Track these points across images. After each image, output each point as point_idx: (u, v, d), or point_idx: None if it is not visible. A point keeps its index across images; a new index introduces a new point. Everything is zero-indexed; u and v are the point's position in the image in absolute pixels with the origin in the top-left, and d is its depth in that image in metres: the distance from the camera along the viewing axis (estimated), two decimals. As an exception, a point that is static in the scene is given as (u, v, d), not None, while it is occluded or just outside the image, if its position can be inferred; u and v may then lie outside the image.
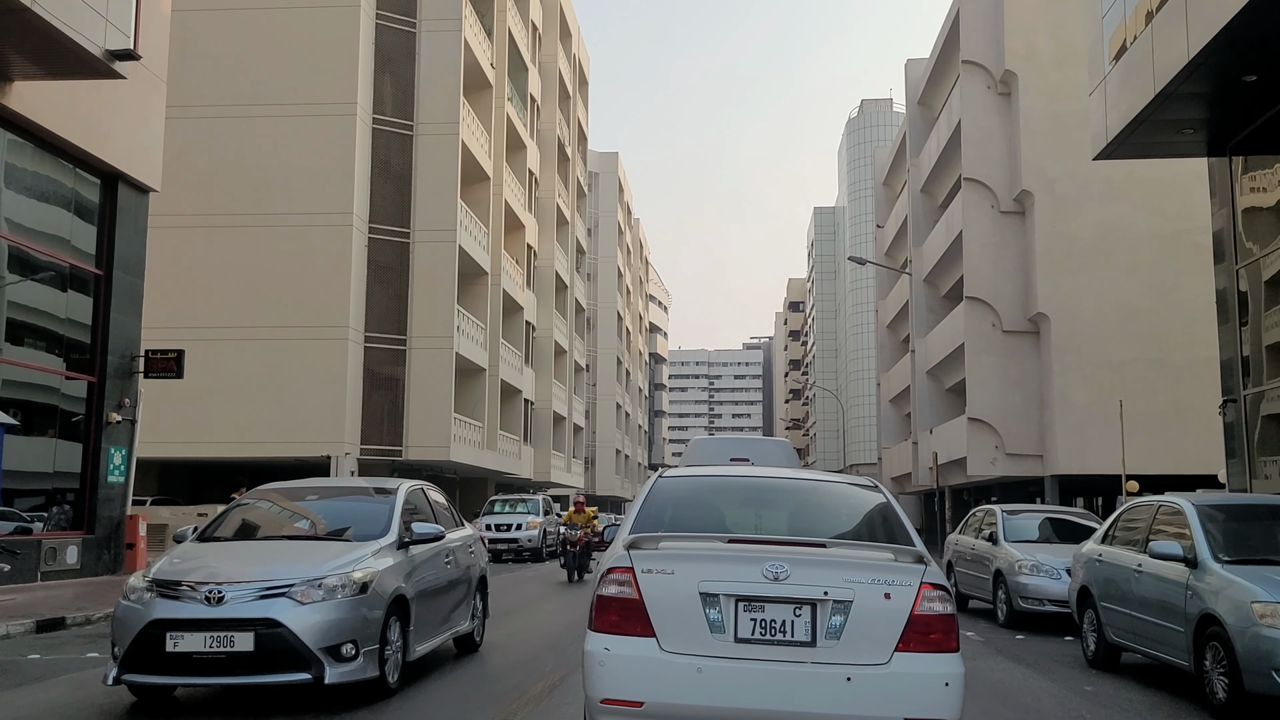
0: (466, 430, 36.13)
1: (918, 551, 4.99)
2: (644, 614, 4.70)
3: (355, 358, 32.93)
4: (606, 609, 4.78)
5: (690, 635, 4.65)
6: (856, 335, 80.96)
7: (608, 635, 4.74)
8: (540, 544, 30.20)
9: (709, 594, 4.66)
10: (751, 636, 4.63)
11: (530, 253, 47.64)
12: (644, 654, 4.65)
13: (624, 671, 4.66)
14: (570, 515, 22.00)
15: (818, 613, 4.63)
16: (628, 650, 4.68)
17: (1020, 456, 29.75)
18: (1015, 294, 29.99)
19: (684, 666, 4.59)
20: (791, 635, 4.62)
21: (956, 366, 34.78)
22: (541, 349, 51.30)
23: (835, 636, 4.60)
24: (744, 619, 4.64)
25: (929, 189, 39.29)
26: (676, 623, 4.67)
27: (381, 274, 34.20)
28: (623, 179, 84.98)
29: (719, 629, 4.65)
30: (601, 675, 4.70)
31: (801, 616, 4.63)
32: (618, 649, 4.69)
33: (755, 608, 4.65)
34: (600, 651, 4.72)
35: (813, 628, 4.62)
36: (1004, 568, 13.31)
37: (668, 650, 4.64)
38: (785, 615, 4.64)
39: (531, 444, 48.55)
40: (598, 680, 4.71)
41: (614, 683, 4.67)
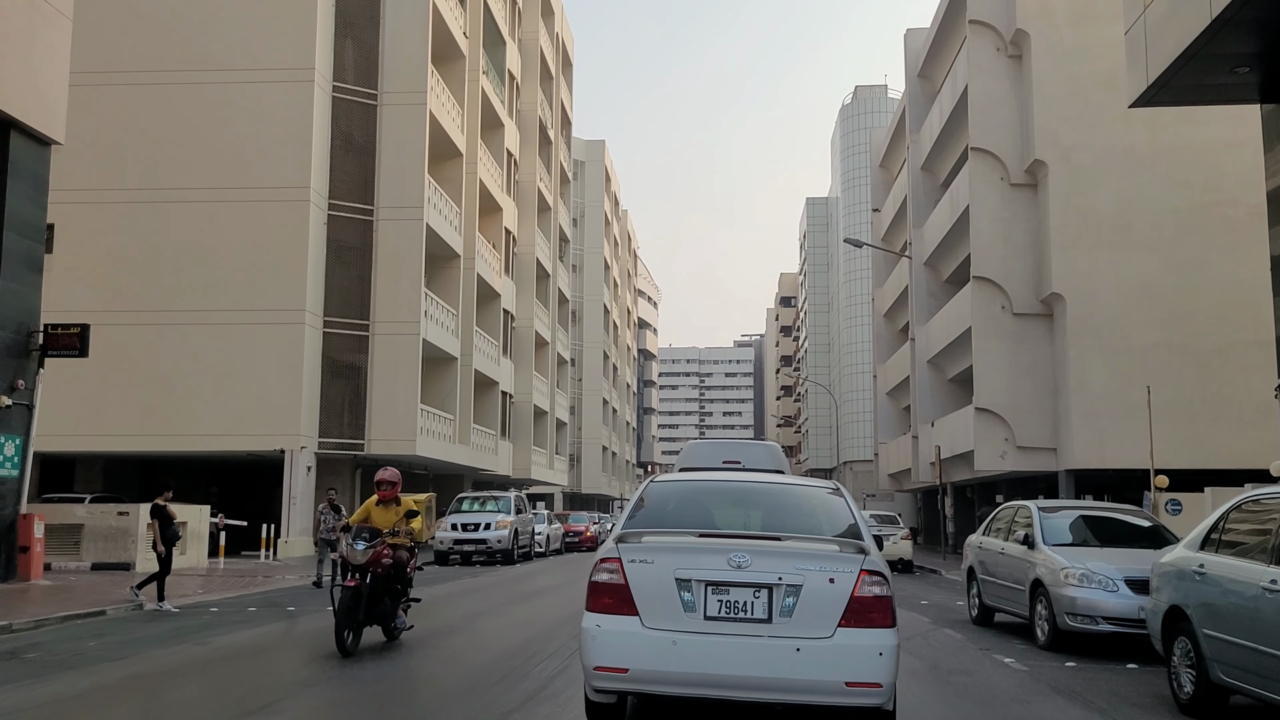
0: (435, 423, 33.66)
1: (860, 544, 5.78)
2: (629, 597, 5.59)
3: (313, 344, 30.46)
4: (599, 593, 5.70)
5: (667, 614, 5.52)
6: (850, 329, 78.61)
7: (600, 615, 5.66)
8: (512, 545, 27.77)
9: (683, 579, 5.55)
10: (718, 615, 5.50)
11: (509, 238, 45.19)
12: (629, 629, 5.55)
13: (612, 644, 5.56)
14: (365, 511, 10.82)
15: (773, 595, 5.47)
16: (616, 627, 5.58)
17: (1032, 450, 27.40)
18: (1027, 273, 27.63)
19: (662, 639, 5.47)
20: (751, 614, 5.48)
21: (961, 354, 32.42)
22: (521, 340, 48.83)
23: (788, 615, 5.44)
24: (712, 600, 5.51)
25: (930, 166, 36.93)
26: (656, 603, 5.54)
27: (342, 254, 31.73)
28: (609, 168, 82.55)
29: (691, 609, 5.52)
30: (594, 647, 5.62)
31: (760, 598, 5.48)
32: (607, 625, 5.60)
33: (721, 591, 5.51)
34: (594, 628, 5.65)
35: (769, 607, 5.47)
36: (1045, 577, 10.93)
37: (649, 626, 5.53)
38: (746, 597, 5.49)
39: (510, 439, 46.10)
40: (591, 651, 5.64)
41: (604, 653, 5.58)
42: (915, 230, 36.99)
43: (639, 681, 5.56)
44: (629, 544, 5.79)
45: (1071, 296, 26.39)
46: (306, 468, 30.07)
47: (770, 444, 11.48)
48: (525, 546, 30.18)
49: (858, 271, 77.34)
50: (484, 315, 41.66)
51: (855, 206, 76.61)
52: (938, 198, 35.88)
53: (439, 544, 27.41)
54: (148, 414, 29.45)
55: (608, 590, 5.69)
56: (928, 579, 24.28)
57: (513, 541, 27.85)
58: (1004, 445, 27.44)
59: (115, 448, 29.95)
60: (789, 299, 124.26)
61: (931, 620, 13.89)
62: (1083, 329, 26.29)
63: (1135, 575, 10.23)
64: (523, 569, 25.73)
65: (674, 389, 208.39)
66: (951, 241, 33.22)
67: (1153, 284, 26.16)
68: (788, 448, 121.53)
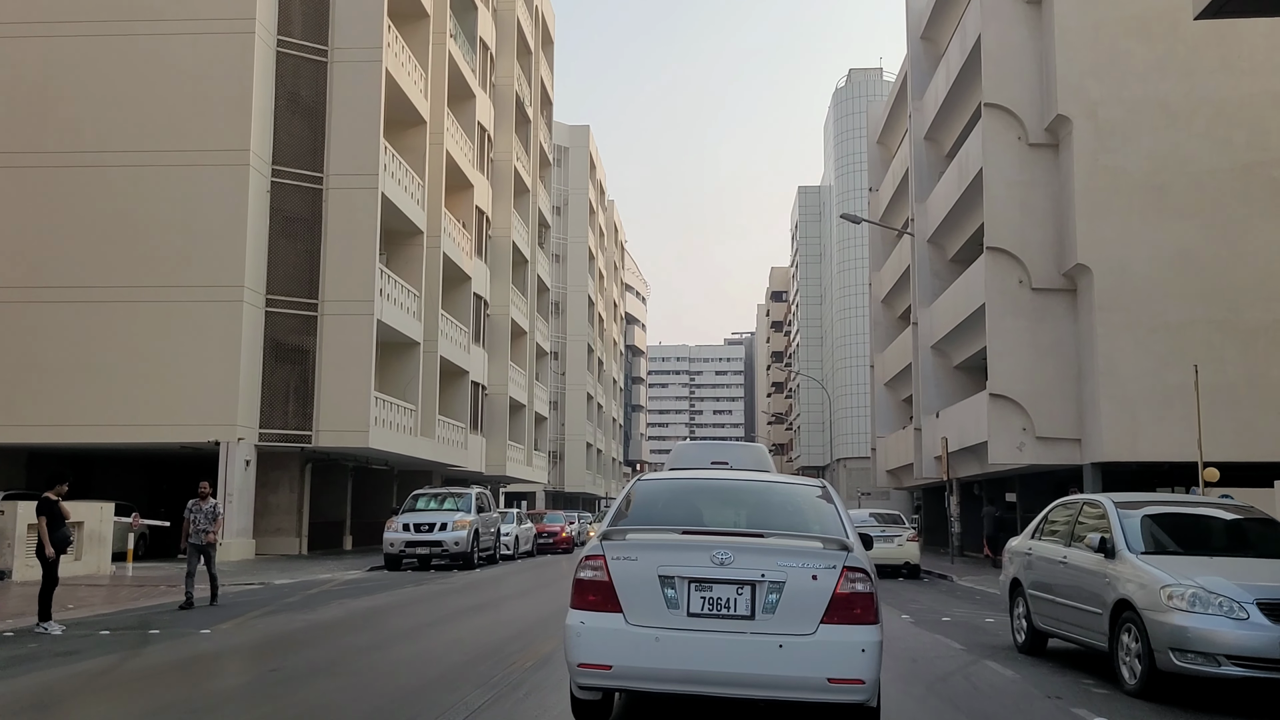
0: (393, 413, 30.63)
1: (843, 540, 5.85)
2: (613, 594, 5.71)
3: (253, 324, 27.42)
4: (583, 590, 5.81)
5: (651, 610, 5.65)
6: (844, 320, 75.71)
7: (584, 611, 5.76)
8: (471, 547, 24.77)
9: (666, 576, 5.67)
10: (701, 611, 5.62)
11: (481, 218, 42.16)
12: (613, 626, 5.66)
13: (596, 641, 5.67)
14: None
15: (756, 592, 5.60)
16: (600, 624, 5.70)
17: (1053, 441, 24.48)
18: (1047, 243, 24.70)
19: (645, 636, 5.59)
20: (734, 610, 5.61)
21: (970, 337, 29.51)
22: (497, 328, 45.81)
23: (770, 611, 5.56)
24: (695, 597, 5.64)
25: (934, 135, 34.00)
26: (640, 600, 5.68)
27: (288, 225, 28.69)
28: (594, 155, 79.57)
29: (674, 605, 5.64)
30: (578, 644, 5.72)
31: (743, 595, 5.61)
32: (591, 623, 5.71)
33: (704, 588, 5.65)
34: (578, 625, 5.74)
35: (752, 604, 5.59)
36: (1137, 598, 7.98)
37: (632, 623, 5.65)
38: (729, 594, 5.62)
39: (483, 433, 43.09)
40: (575, 648, 5.73)
41: (588, 650, 5.68)
42: (918, 205, 34.06)
43: (623, 678, 5.64)
44: (613, 541, 5.89)
45: (1098, 268, 23.47)
46: (245, 461, 27.03)
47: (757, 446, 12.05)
48: (489, 549, 27.19)
49: (852, 261, 74.45)
50: (452, 299, 38.65)
51: (850, 193, 73.75)
52: (942, 169, 32.97)
53: (389, 546, 24.41)
54: (70, 402, 26.41)
55: (592, 587, 5.77)
56: (939, 587, 21.36)
57: (472, 543, 24.85)
58: (1021, 436, 24.52)
59: (37, 439, 26.86)
60: (780, 293, 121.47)
61: (965, 647, 10.93)
62: (1111, 304, 23.38)
63: (1271, 595, 7.33)
64: (481, 575, 22.74)
65: (664, 387, 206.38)
66: (959, 215, 30.31)
67: (1190, 253, 23.26)
68: (779, 445, 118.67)
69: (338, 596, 16.48)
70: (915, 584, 21.97)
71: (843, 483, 74.10)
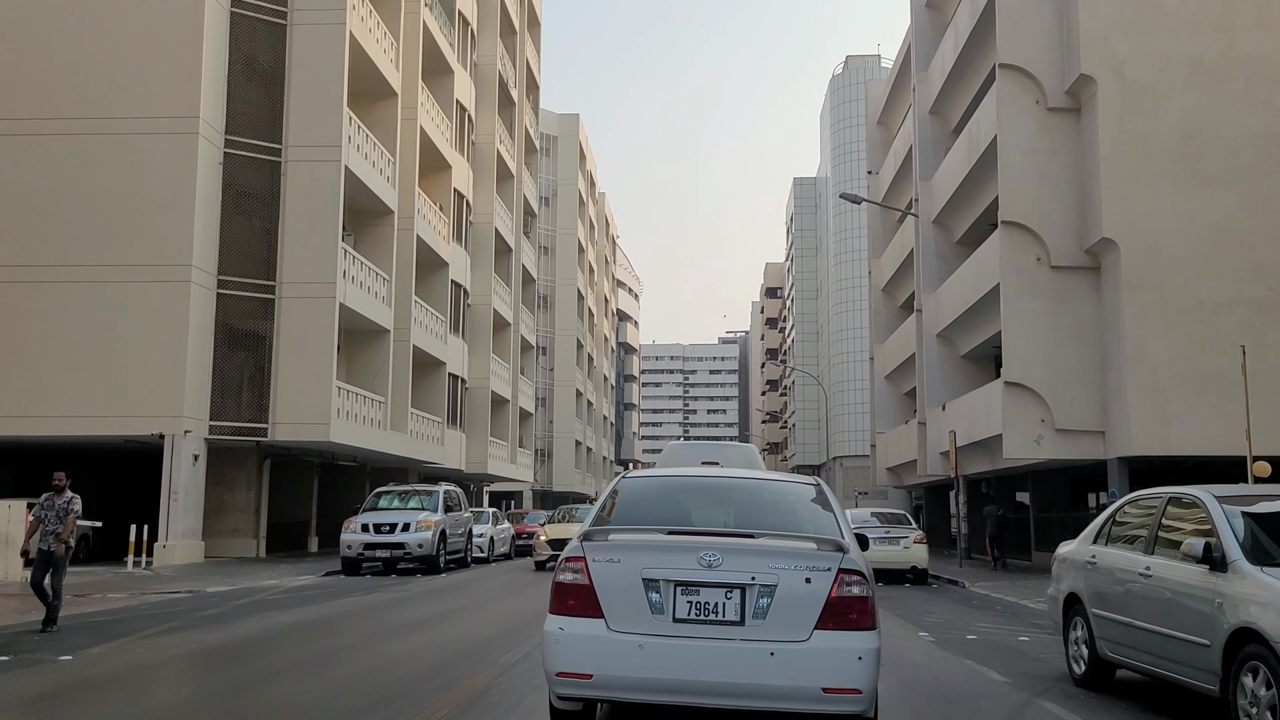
0: (359, 405, 28.42)
1: (838, 541, 5.43)
2: (594, 598, 5.33)
3: (203, 307, 25.22)
4: (563, 594, 5.41)
5: (634, 616, 5.27)
6: (841, 314, 73.55)
7: (563, 617, 5.37)
8: (436, 550, 22.58)
9: (650, 579, 5.29)
10: (688, 617, 5.24)
11: (461, 202, 39.96)
12: (594, 633, 5.27)
13: (576, 648, 5.28)
14: None
15: (746, 595, 5.24)
16: (580, 630, 5.29)
17: (1074, 433, 22.34)
18: (1068, 217, 22.56)
19: (628, 643, 5.22)
20: (723, 615, 5.23)
21: (979, 323, 27.39)
22: (478, 319, 43.60)
23: (761, 616, 5.21)
24: (681, 601, 5.26)
25: (941, 109, 31.84)
26: (622, 605, 5.29)
27: (243, 201, 26.49)
28: (584, 144, 77.36)
29: (659, 610, 5.26)
30: (557, 652, 5.32)
31: (732, 599, 5.24)
32: (571, 629, 5.31)
33: (691, 591, 5.27)
34: (556, 631, 5.34)
35: (741, 609, 5.23)
36: (1271, 626, 5.79)
37: (614, 629, 5.26)
38: (717, 598, 5.25)
39: (463, 429, 40.86)
40: (553, 656, 5.34)
41: (567, 658, 5.29)
42: (922, 184, 31.91)
43: (604, 688, 5.31)
44: (594, 542, 5.53)
45: (1126, 243, 21.32)
46: (193, 456, 24.81)
47: (748, 446, 12.08)
48: (458, 551, 25.00)
49: (849, 253, 72.29)
50: (428, 286, 36.46)
51: (847, 183, 71.59)
52: (949, 144, 30.82)
53: (345, 549, 22.22)
54: (3, 392, 24.18)
55: (571, 591, 5.43)
56: (951, 595, 19.21)
57: (438, 545, 22.65)
58: (1039, 428, 22.38)
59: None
60: (775, 289, 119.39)
61: (1007, 679, 8.76)
62: (1140, 282, 21.24)
63: None
64: (446, 580, 20.55)
65: (657, 386, 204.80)
66: (968, 192, 28.17)
67: (1227, 226, 21.14)
68: (773, 444, 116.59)
69: (267, 608, 14.30)
70: (924, 591, 19.82)
71: (839, 482, 71.95)
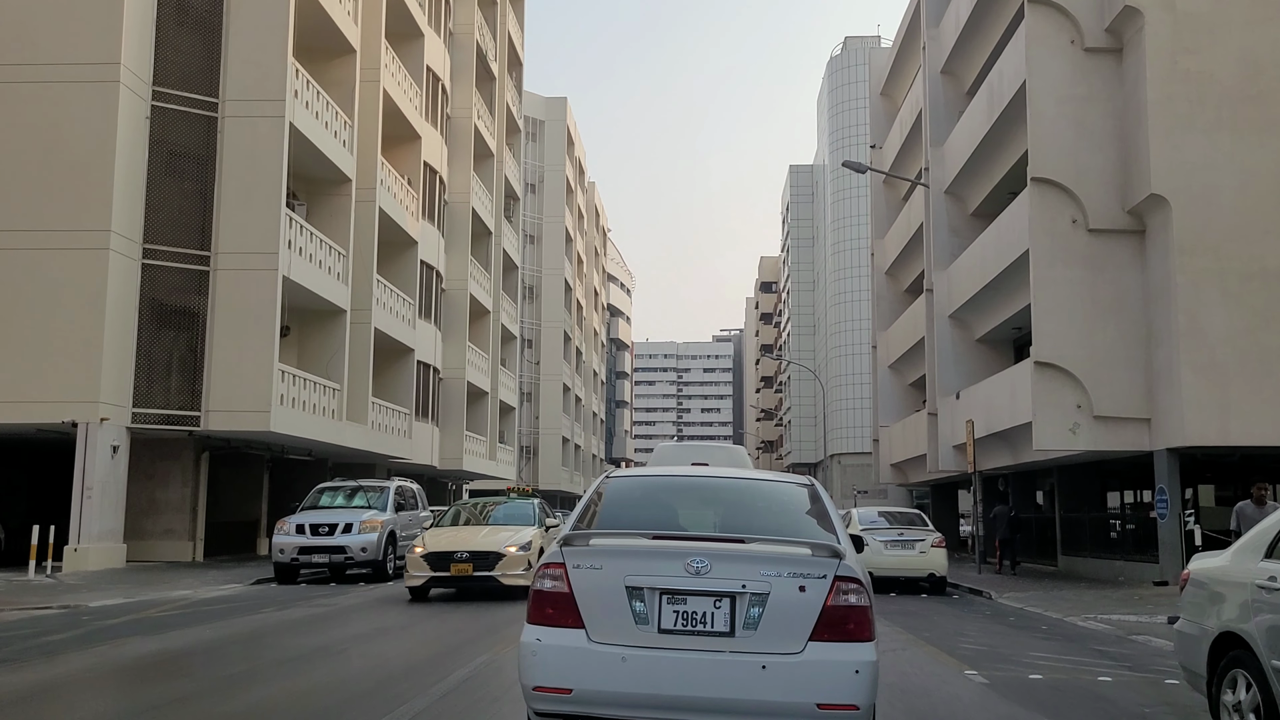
0: (308, 392, 25.50)
1: (834, 546, 5.00)
2: (574, 607, 4.89)
3: (126, 279, 22.29)
4: (541, 602, 4.97)
5: (617, 626, 4.84)
6: (839, 305, 70.66)
7: (541, 627, 4.93)
8: (383, 554, 19.66)
9: (634, 587, 4.86)
10: (674, 627, 4.82)
11: (434, 178, 37.01)
12: (573, 644, 4.84)
13: (554, 661, 4.84)
14: None
15: (736, 605, 4.82)
16: (558, 640, 4.87)
17: (1115, 421, 19.48)
18: (1108, 172, 19.71)
19: (610, 656, 4.79)
20: (711, 626, 4.81)
21: (998, 301, 24.55)
22: (453, 305, 40.68)
23: (753, 627, 4.79)
24: (667, 611, 4.83)
25: (954, 68, 28.98)
26: (604, 615, 4.87)
27: (174, 161, 23.57)
28: (572, 130, 74.47)
29: (644, 620, 4.84)
30: (533, 665, 4.88)
31: (721, 608, 4.82)
32: (549, 639, 4.88)
33: (678, 600, 4.84)
34: (533, 642, 4.90)
35: (731, 619, 4.81)
36: None
37: (595, 641, 4.84)
38: (706, 607, 4.82)
39: (435, 422, 37.94)
40: (530, 669, 4.89)
41: (545, 671, 4.85)
42: (933, 151, 29.02)
43: (584, 704, 4.84)
44: (574, 547, 5.03)
45: (1178, 199, 18.46)
46: (112, 447, 21.86)
47: (738, 448, 12.38)
48: (411, 556, 22.04)
49: (848, 242, 69.41)
50: (394, 265, 33.56)
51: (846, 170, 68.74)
52: (963, 106, 27.95)
53: (278, 553, 19.26)
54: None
55: (550, 599, 4.97)
56: (979, 608, 16.36)
57: (384, 549, 19.72)
58: (1074, 415, 19.51)
59: None
60: (769, 284, 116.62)
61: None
62: (1194, 246, 18.38)
63: None
64: (389, 590, 17.63)
65: (650, 385, 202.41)
66: (986, 155, 25.33)
67: (1296, 181, 18.28)
68: (768, 442, 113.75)
69: (136, 631, 11.41)
70: (946, 604, 16.94)
71: (836, 480, 69.10)
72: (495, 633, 11.39)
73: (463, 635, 11.32)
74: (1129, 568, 20.77)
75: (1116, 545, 21.60)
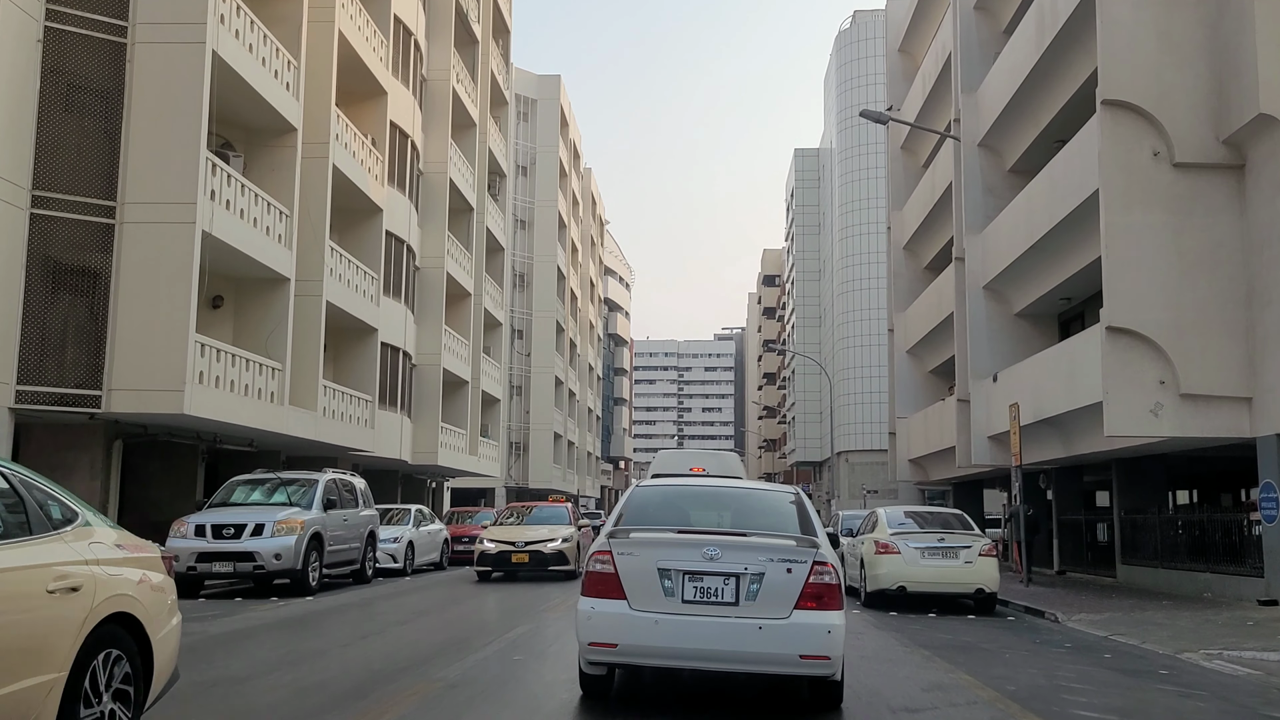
0: (236, 370, 21.82)
1: (813, 540, 6.84)
2: (619, 584, 6.69)
3: (10, 231, 18.61)
4: (593, 580, 6.79)
5: (651, 598, 6.65)
6: (846, 295, 66.94)
7: (593, 599, 6.74)
8: (303, 562, 15.97)
9: (664, 569, 6.66)
10: (694, 599, 6.63)
11: (404, 141, 33.35)
12: (618, 611, 6.65)
13: (604, 624, 6.66)
14: None
15: (740, 582, 6.61)
16: (607, 609, 6.68)
17: (1208, 400, 15.80)
18: (1200, 92, 16.05)
19: (646, 619, 6.59)
20: (721, 598, 6.60)
21: (1046, 267, 20.89)
22: (428, 285, 37.02)
23: (752, 599, 6.59)
24: (688, 587, 6.64)
25: (989, 3, 25.28)
26: (641, 589, 6.67)
27: (73, 94, 19.91)
28: (566, 109, 70.81)
29: (671, 594, 6.64)
30: (589, 626, 6.72)
31: (729, 585, 6.61)
32: (600, 608, 6.70)
33: (696, 579, 6.64)
34: (589, 610, 6.73)
35: (736, 592, 6.60)
36: None
37: (635, 609, 6.64)
38: (717, 584, 6.62)
39: (406, 412, 34.27)
40: (586, 630, 6.74)
41: (597, 631, 6.68)
42: (965, 99, 25.30)
43: (627, 655, 6.65)
44: (618, 539, 6.84)
45: (1292, 123, 14.73)
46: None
47: (730, 454, 14.59)
48: (350, 562, 18.40)
49: (857, 227, 65.73)
50: (354, 233, 29.91)
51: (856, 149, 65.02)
52: (1000, 46, 24.25)
53: (176, 560, 15.53)
54: None
55: (600, 578, 6.73)
56: (1053, 638, 12.71)
57: (306, 555, 16.03)
58: (1157, 393, 15.81)
59: None
60: (773, 277, 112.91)
61: None
62: (1313, 181, 14.65)
63: None
64: (301, 609, 13.94)
65: (651, 384, 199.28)
66: (1030, 99, 21.68)
67: None
68: (770, 441, 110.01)
69: None
70: (1004, 629, 13.25)
71: (844, 479, 65.39)
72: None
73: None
74: (1218, 581, 17.06)
75: (1199, 553, 17.85)
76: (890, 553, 15.44)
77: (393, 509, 23.37)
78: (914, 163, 34.72)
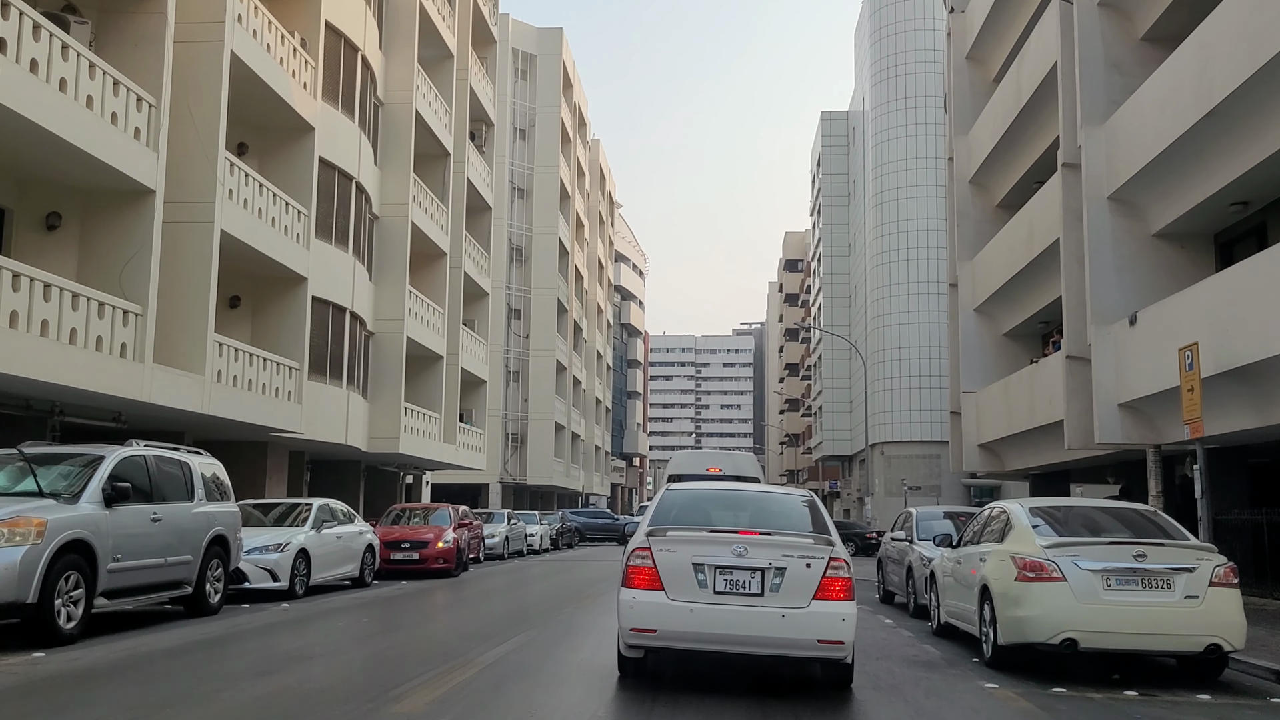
0: (50, 309, 15.29)
1: (829, 538, 7.81)
2: (657, 576, 7.68)
3: None
4: (633, 573, 7.75)
5: (686, 589, 7.63)
6: (881, 268, 60.11)
7: (634, 590, 7.72)
8: (36, 585, 9.39)
9: (698, 564, 7.65)
10: (724, 590, 7.61)
11: (352, 54, 26.87)
12: (657, 600, 7.64)
13: (644, 612, 7.66)
14: None
15: (765, 575, 7.59)
16: (647, 599, 7.67)
17: None
18: None
19: (681, 608, 7.58)
20: (749, 589, 7.58)
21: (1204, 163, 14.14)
22: (389, 236, 30.57)
23: (776, 590, 7.56)
24: (719, 579, 7.62)
25: None
26: (677, 581, 7.66)
27: None
28: (569, 68, 64.27)
29: (704, 585, 7.62)
30: (630, 614, 7.70)
31: (755, 578, 7.59)
32: (640, 598, 7.68)
33: (727, 572, 7.62)
34: (630, 599, 7.71)
35: (762, 585, 7.57)
36: None
37: (672, 599, 7.63)
38: (745, 577, 7.60)
39: (357, 387, 27.81)
40: (628, 617, 7.72)
41: (638, 618, 7.67)
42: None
43: (665, 639, 7.67)
44: (656, 537, 7.82)
45: None
46: None
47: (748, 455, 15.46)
48: (177, 584, 11.83)
49: (892, 191, 58.88)
50: (273, 155, 23.54)
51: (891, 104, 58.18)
52: None
53: None
54: None
55: (640, 571, 7.71)
56: None
57: (46, 575, 9.44)
58: None
59: None
60: (795, 261, 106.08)
61: None
62: None
63: None
64: (31, 673, 7.37)
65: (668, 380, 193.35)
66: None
67: None
68: (793, 435, 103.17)
69: None
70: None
71: (880, 474, 58.55)
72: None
73: None
74: None
75: None
76: (1049, 579, 8.83)
77: (282, 504, 16.83)
78: (983, 76, 27.96)
